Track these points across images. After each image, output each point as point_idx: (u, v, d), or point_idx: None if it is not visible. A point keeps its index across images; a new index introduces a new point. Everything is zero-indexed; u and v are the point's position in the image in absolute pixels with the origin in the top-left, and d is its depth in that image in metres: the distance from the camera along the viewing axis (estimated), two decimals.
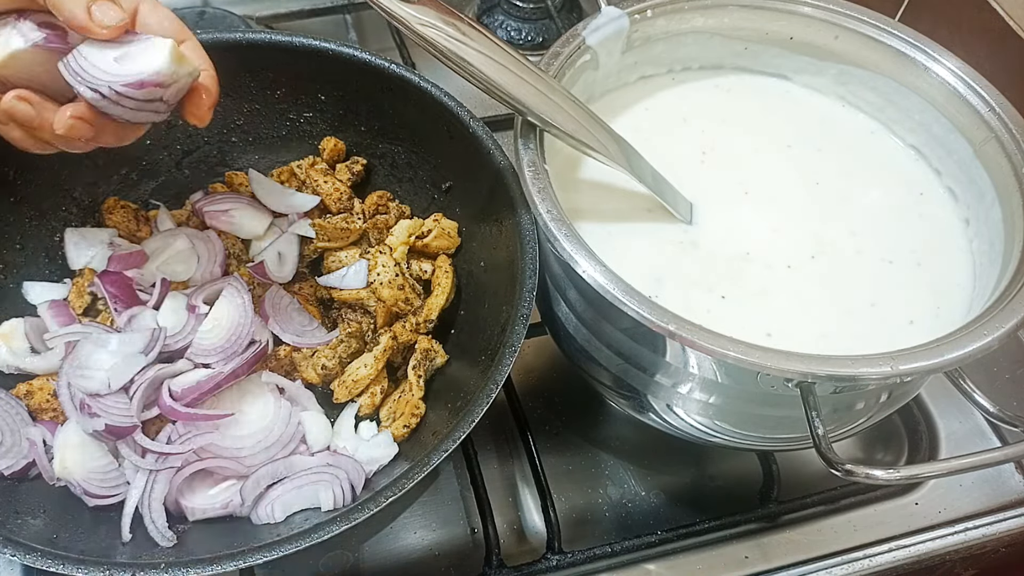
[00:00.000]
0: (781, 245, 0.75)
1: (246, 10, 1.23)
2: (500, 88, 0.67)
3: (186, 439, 0.72)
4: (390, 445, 0.76)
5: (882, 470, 0.59)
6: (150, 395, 0.74)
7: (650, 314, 0.60)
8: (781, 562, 0.81)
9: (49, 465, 0.71)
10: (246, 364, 0.75)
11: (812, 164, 0.82)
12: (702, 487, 0.88)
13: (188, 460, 0.72)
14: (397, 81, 0.86)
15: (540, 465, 0.82)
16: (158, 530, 0.69)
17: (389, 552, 0.81)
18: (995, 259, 0.71)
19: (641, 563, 0.80)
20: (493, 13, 1.28)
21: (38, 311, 0.82)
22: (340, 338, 0.81)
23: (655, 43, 0.84)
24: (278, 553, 0.61)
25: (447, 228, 0.86)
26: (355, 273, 0.83)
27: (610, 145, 0.72)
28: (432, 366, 0.81)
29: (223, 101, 0.91)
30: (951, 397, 0.92)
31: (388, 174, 0.95)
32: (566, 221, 0.66)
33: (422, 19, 0.63)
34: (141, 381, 0.72)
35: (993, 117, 0.75)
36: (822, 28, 0.83)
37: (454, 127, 0.84)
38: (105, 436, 0.71)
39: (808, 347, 0.60)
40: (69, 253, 0.86)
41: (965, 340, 0.60)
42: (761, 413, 0.70)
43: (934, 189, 0.81)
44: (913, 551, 0.83)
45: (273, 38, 0.88)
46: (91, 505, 0.71)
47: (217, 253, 0.86)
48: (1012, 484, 0.88)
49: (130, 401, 0.72)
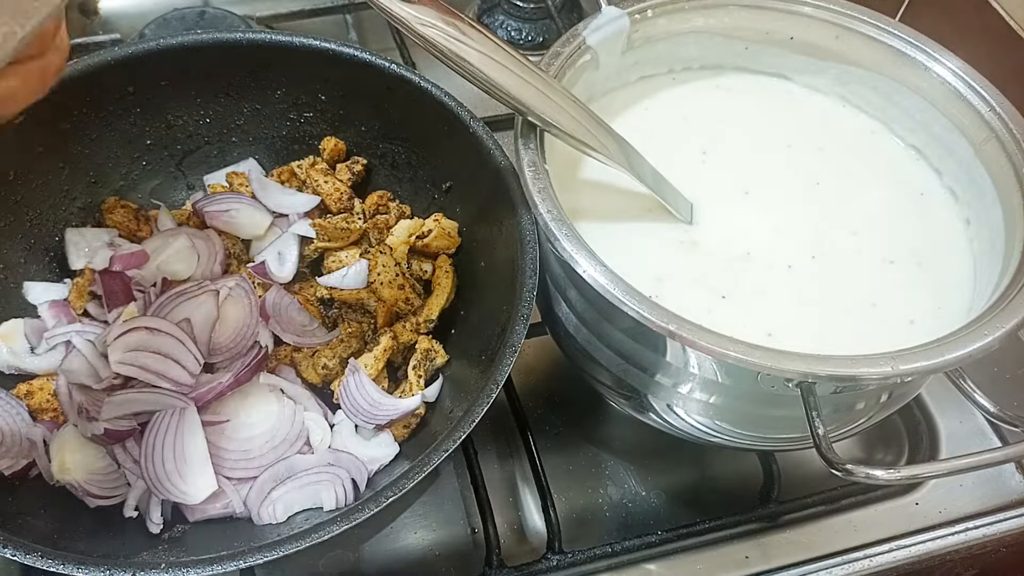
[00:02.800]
0: (782, 245, 0.75)
1: (246, 10, 1.23)
2: (500, 88, 0.67)
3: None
4: (391, 445, 0.76)
5: (882, 470, 0.59)
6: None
7: (650, 314, 0.60)
8: (781, 562, 0.81)
9: (49, 465, 0.71)
10: (249, 370, 0.75)
11: (813, 164, 0.82)
12: (702, 487, 0.88)
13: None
14: (397, 81, 0.86)
15: (540, 465, 0.82)
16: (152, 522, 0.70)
17: (389, 552, 0.81)
18: (995, 259, 0.71)
19: (641, 563, 0.80)
20: (493, 13, 1.28)
21: (38, 311, 0.82)
22: (340, 338, 0.81)
23: (655, 43, 0.84)
24: (279, 553, 0.61)
25: (447, 228, 0.86)
26: (355, 273, 0.83)
27: (610, 145, 0.71)
28: (432, 366, 0.81)
29: (223, 101, 0.92)
30: (952, 397, 0.92)
31: (388, 174, 0.95)
32: (566, 221, 0.66)
33: (422, 19, 0.63)
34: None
35: (994, 117, 0.75)
36: (823, 28, 0.83)
37: (454, 127, 0.83)
38: (103, 440, 0.71)
39: (808, 347, 0.60)
40: (69, 253, 0.86)
41: (966, 340, 0.60)
42: (761, 413, 0.70)
43: (934, 189, 0.81)
44: (913, 551, 0.83)
45: (273, 38, 0.88)
46: (92, 506, 0.71)
47: (217, 252, 0.86)
48: (1012, 484, 0.88)
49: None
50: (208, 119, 0.93)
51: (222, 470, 0.72)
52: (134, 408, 0.71)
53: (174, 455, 0.70)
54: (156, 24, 1.15)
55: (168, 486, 0.70)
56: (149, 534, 0.70)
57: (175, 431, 0.71)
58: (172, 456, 0.70)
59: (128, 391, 0.73)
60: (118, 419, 0.71)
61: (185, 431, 0.71)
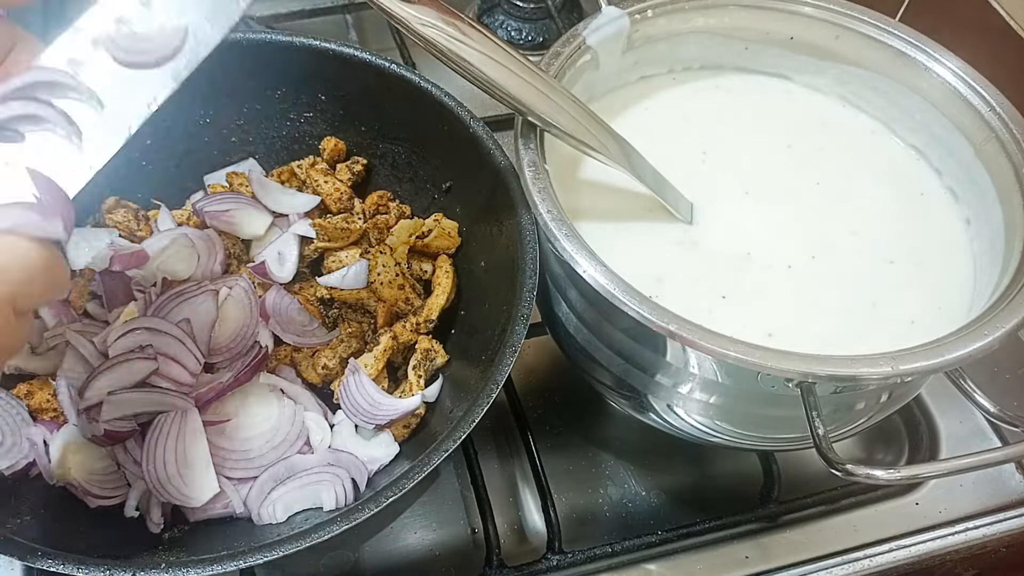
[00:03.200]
0: (782, 245, 0.75)
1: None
2: (500, 88, 0.67)
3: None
4: (391, 445, 0.76)
5: (883, 470, 0.59)
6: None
7: (650, 314, 0.60)
8: (782, 562, 0.81)
9: (49, 465, 0.71)
10: (249, 370, 0.75)
11: (813, 164, 0.82)
12: (702, 487, 0.88)
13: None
14: (397, 81, 0.86)
15: (540, 465, 0.82)
16: (152, 522, 0.70)
17: (390, 552, 0.81)
18: (996, 259, 0.71)
19: (641, 563, 0.80)
20: (493, 13, 1.28)
21: (38, 311, 0.82)
22: (340, 338, 0.81)
23: (656, 43, 0.84)
24: (279, 553, 0.61)
25: (447, 228, 0.86)
26: (355, 273, 0.83)
27: (610, 145, 0.71)
28: (432, 366, 0.81)
29: (223, 101, 0.92)
30: (952, 397, 0.92)
31: (388, 174, 0.95)
32: (566, 221, 0.66)
33: (422, 19, 0.63)
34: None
35: (994, 117, 0.75)
36: (823, 28, 0.83)
37: (454, 127, 0.83)
38: (103, 441, 0.71)
39: (809, 347, 0.60)
40: (69, 253, 0.86)
41: (966, 340, 0.60)
42: (762, 413, 0.70)
43: (935, 189, 0.81)
44: (913, 551, 0.83)
45: (273, 38, 0.88)
46: (93, 506, 0.71)
47: (217, 252, 0.86)
48: (1013, 484, 0.88)
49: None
50: (208, 119, 0.93)
51: (222, 470, 0.72)
52: (135, 409, 0.71)
53: (176, 458, 0.70)
54: None
55: (171, 489, 0.70)
56: (149, 534, 0.70)
57: (177, 434, 0.71)
58: (174, 459, 0.70)
59: (129, 391, 0.73)
60: (118, 420, 0.70)
61: (187, 434, 0.71)
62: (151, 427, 0.71)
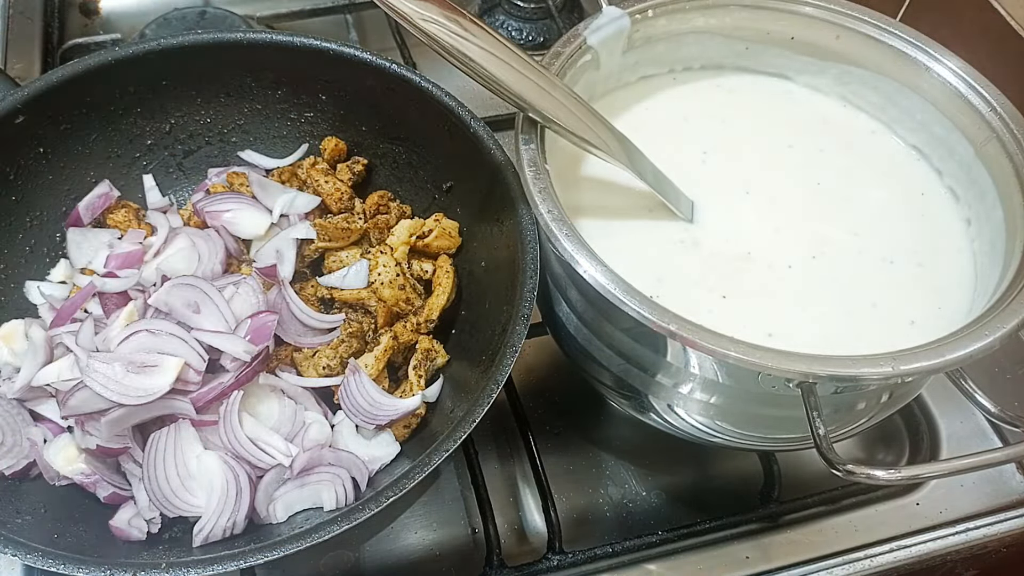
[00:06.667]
0: (782, 245, 0.75)
1: (247, 10, 1.23)
2: (502, 84, 0.67)
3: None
4: (391, 444, 0.76)
5: (883, 470, 0.59)
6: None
7: (651, 314, 0.60)
8: (782, 562, 0.81)
9: (50, 465, 0.71)
10: (250, 370, 0.75)
11: (813, 164, 0.82)
12: (703, 487, 0.88)
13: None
14: (398, 81, 0.86)
15: (541, 465, 0.82)
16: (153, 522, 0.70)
17: (390, 552, 0.81)
18: (996, 259, 0.71)
19: (642, 563, 0.80)
20: (494, 13, 1.28)
21: (39, 311, 0.82)
22: (341, 338, 0.81)
23: (656, 43, 0.84)
24: (279, 553, 0.61)
25: (448, 228, 0.86)
26: (356, 273, 0.83)
27: (611, 142, 0.71)
28: (433, 366, 0.81)
29: (223, 101, 0.92)
30: (952, 397, 0.92)
31: (389, 174, 0.95)
32: (567, 221, 0.66)
33: (425, 15, 0.63)
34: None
35: (994, 117, 0.75)
36: (823, 28, 0.83)
37: (455, 127, 0.83)
38: (95, 454, 0.71)
39: (809, 347, 0.60)
40: (70, 253, 0.86)
41: (966, 340, 0.60)
42: (762, 413, 0.70)
43: (935, 189, 0.81)
44: (914, 551, 0.83)
45: (274, 38, 0.88)
46: (102, 496, 0.71)
47: (218, 251, 0.85)
48: (1013, 484, 0.88)
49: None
50: (208, 119, 0.93)
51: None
52: (134, 419, 0.71)
53: (176, 471, 0.70)
54: (157, 24, 1.15)
55: (177, 502, 0.70)
56: (149, 534, 0.70)
57: (174, 448, 0.71)
58: (175, 473, 0.70)
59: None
60: (114, 436, 0.70)
61: (183, 445, 0.71)
62: (147, 446, 0.71)
